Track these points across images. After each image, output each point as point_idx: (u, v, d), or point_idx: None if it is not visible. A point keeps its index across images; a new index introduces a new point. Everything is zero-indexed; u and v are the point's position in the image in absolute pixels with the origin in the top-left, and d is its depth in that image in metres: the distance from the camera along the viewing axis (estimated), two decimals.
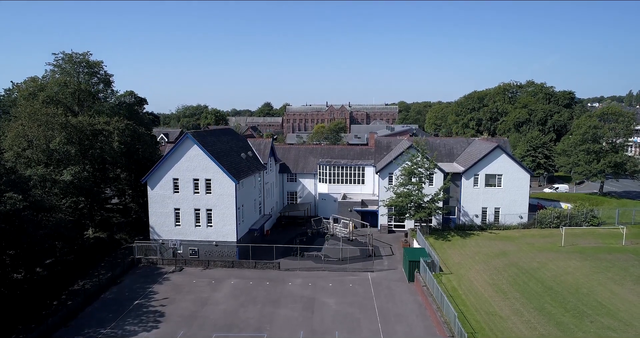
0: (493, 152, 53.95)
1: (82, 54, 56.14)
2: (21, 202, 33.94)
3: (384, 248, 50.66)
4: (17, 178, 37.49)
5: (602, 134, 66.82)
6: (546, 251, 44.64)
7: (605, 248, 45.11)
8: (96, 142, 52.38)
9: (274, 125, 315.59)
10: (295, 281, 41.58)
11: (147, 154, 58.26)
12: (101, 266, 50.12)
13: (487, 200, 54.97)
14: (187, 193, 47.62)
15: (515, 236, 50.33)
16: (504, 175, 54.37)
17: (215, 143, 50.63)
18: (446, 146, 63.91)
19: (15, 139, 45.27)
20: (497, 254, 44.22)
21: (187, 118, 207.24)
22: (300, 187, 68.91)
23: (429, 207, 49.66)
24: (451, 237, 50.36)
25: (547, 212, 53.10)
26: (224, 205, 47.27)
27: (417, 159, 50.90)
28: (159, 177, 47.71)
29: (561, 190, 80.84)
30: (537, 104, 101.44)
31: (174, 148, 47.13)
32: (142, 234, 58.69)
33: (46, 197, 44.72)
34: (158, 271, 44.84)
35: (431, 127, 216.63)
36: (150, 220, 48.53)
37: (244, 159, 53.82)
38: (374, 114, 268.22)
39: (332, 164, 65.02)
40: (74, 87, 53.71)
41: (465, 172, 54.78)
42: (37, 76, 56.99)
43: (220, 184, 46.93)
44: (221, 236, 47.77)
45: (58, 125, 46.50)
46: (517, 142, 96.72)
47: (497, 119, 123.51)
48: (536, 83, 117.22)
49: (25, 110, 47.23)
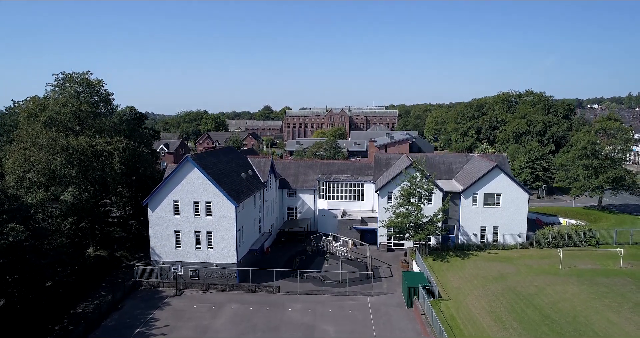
0: (492, 172, 54.23)
1: (82, 74, 56.46)
2: (23, 233, 34.22)
3: (383, 269, 50.93)
4: (19, 206, 37.74)
5: (600, 149, 67.12)
6: (544, 274, 44.96)
7: (602, 271, 45.42)
8: (97, 162, 52.70)
9: (274, 129, 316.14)
10: (295, 306, 41.86)
11: (147, 173, 58.57)
12: (102, 286, 50.45)
13: (486, 219, 55.25)
14: (187, 215, 47.90)
15: (514, 257, 50.64)
16: (502, 194, 54.67)
17: (215, 164, 50.92)
18: (445, 163, 64.22)
19: (16, 162, 45.57)
20: (495, 277, 44.52)
21: (187, 124, 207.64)
22: (300, 203, 69.19)
23: (427, 228, 49.95)
24: (450, 258, 50.66)
25: (545, 232, 53.40)
26: (224, 228, 47.57)
27: (416, 179, 51.20)
28: (159, 200, 47.98)
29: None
30: (536, 115, 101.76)
31: (174, 171, 47.36)
32: (142, 251, 59.06)
33: (47, 221, 45.11)
34: (159, 295, 45.11)
35: (431, 132, 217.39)
36: (151, 241, 48.81)
37: (244, 179, 54.12)
38: (373, 118, 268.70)
39: (332, 180, 65.30)
40: (74, 107, 53.99)
41: (464, 191, 55.08)
42: (37, 96, 57.36)
43: (220, 207, 47.21)
44: (221, 258, 48.07)
45: (59, 148, 46.78)
46: (516, 153, 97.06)
47: (497, 127, 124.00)
48: (535, 92, 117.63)
49: (26, 133, 47.51)
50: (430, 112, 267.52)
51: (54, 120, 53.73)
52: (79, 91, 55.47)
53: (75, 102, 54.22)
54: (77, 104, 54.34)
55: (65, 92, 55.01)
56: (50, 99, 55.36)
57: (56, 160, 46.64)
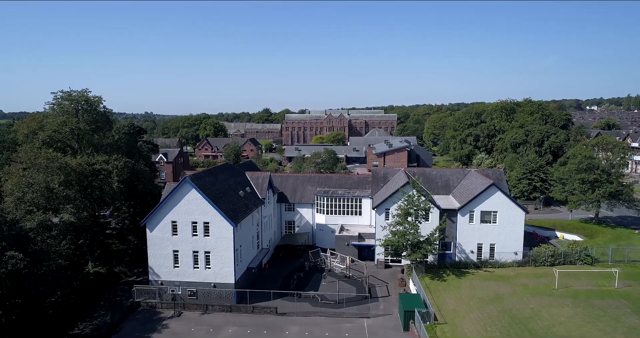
0: (488, 190, 54.59)
1: (81, 92, 56.80)
2: (22, 261, 34.52)
3: (380, 288, 51.25)
4: (18, 232, 38.03)
5: (597, 164, 67.48)
6: (540, 295, 45.28)
7: (598, 291, 45.73)
8: (96, 180, 52.98)
9: (273, 132, 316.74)
10: (292, 329, 42.16)
11: (146, 189, 58.88)
12: (101, 305, 50.74)
13: (483, 236, 55.60)
14: (185, 235, 48.24)
15: (510, 275, 50.95)
16: (499, 211, 55.01)
17: (213, 183, 51.23)
18: (442, 178, 64.58)
19: (16, 184, 45.88)
20: (491, 299, 44.84)
21: (186, 129, 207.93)
22: (298, 217, 69.51)
23: (424, 248, 50.24)
24: (446, 277, 50.97)
25: (541, 250, 53.74)
26: (222, 248, 47.90)
27: (413, 198, 51.52)
28: (157, 220, 48.29)
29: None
30: (534, 124, 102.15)
31: (172, 191, 47.66)
32: (140, 265, 59.30)
33: (46, 241, 45.44)
34: (157, 316, 45.41)
35: (429, 136, 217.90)
36: (149, 261, 49.12)
37: (242, 197, 54.41)
38: (372, 122, 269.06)
39: (330, 194, 65.64)
40: (72, 126, 54.32)
41: (461, 208, 55.42)
42: (37, 112, 57.64)
43: (218, 227, 47.54)
44: (219, 278, 48.39)
45: (58, 169, 47.08)
46: (513, 163, 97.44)
47: (495, 135, 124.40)
48: (534, 101, 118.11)
49: (25, 154, 47.80)
50: (429, 115, 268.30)
51: (52, 139, 54.04)
52: (77, 109, 55.74)
53: (74, 121, 54.51)
54: (76, 122, 54.64)
55: (64, 110, 55.30)
56: (50, 117, 55.64)
57: (54, 181, 46.92)
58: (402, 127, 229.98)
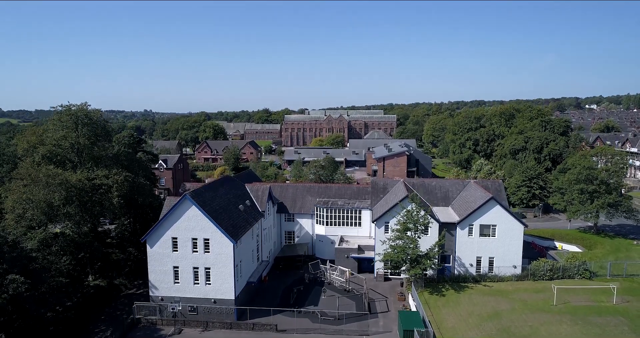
0: (487, 204, 54.77)
1: (80, 105, 56.91)
2: (23, 285, 34.69)
3: (379, 303, 51.47)
4: (19, 253, 38.19)
5: (596, 175, 67.67)
6: (538, 311, 45.55)
7: (596, 308, 46.01)
8: (95, 195, 53.09)
9: (272, 133, 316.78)
10: None
11: (146, 202, 59.04)
12: (102, 319, 50.97)
13: (482, 249, 55.82)
14: (186, 252, 48.41)
15: (509, 290, 51.21)
16: (498, 225, 55.22)
17: (213, 199, 51.39)
18: (442, 189, 64.76)
19: (16, 201, 46.01)
20: (490, 316, 45.10)
21: (185, 131, 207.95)
22: (297, 227, 69.67)
23: (424, 263, 50.45)
24: (446, 291, 51.23)
25: (540, 264, 53.98)
26: (222, 264, 48.09)
27: (412, 213, 51.70)
28: (158, 236, 48.44)
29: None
30: (534, 131, 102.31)
31: (173, 208, 47.79)
32: (141, 277, 59.44)
33: (47, 258, 45.66)
34: (158, 333, 45.63)
35: (429, 138, 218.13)
36: (150, 276, 49.30)
37: (242, 211, 54.58)
38: (372, 123, 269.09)
39: (329, 206, 65.80)
40: (72, 140, 54.45)
41: (460, 222, 55.63)
42: (36, 126, 57.73)
43: (218, 244, 47.71)
44: (220, 294, 48.60)
45: (58, 186, 47.22)
46: (513, 169, 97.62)
47: (494, 140, 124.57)
48: (533, 106, 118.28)
49: (25, 171, 47.91)
50: (428, 116, 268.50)
51: (52, 153, 54.16)
52: (77, 123, 55.80)
53: (73, 135, 54.62)
54: (76, 137, 54.75)
55: (63, 124, 55.36)
56: (50, 131, 55.73)
57: (55, 198, 47.08)
58: (401, 129, 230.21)
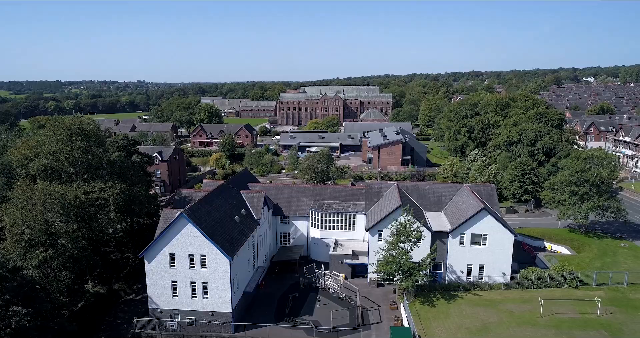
0: (479, 213, 55.77)
1: (73, 117, 56.67)
2: (25, 317, 35.67)
3: (372, 312, 53.11)
4: (21, 282, 39.04)
5: (587, 177, 68.57)
6: (524, 325, 47.40)
7: (580, 321, 47.86)
8: (92, 207, 53.55)
9: (268, 110, 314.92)
10: None
11: (143, 212, 59.70)
12: (102, 330, 52.51)
13: (473, 257, 57.22)
14: (183, 267, 49.47)
15: (497, 300, 52.93)
16: (489, 234, 56.41)
17: (209, 213, 52.05)
18: (435, 193, 65.67)
19: (14, 224, 46.49)
20: (478, 329, 46.89)
21: (180, 112, 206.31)
22: (293, 229, 70.73)
23: (415, 274, 51.82)
24: (437, 301, 52.89)
25: (528, 272, 55.56)
26: (218, 279, 49.26)
27: (405, 226, 52.67)
28: (155, 252, 49.36)
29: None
30: (528, 123, 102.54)
31: (169, 226, 48.41)
32: (139, 281, 60.63)
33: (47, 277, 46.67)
34: None
35: (424, 119, 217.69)
36: (149, 290, 50.55)
37: (238, 222, 55.39)
38: (367, 102, 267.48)
39: (324, 210, 66.74)
40: (67, 154, 54.53)
41: (452, 231, 56.77)
42: (30, 137, 57.58)
43: (214, 260, 48.72)
44: (217, 307, 50.02)
45: (55, 205, 47.68)
46: (506, 162, 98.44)
47: (489, 128, 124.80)
48: (529, 95, 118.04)
49: (22, 192, 48.15)
50: (424, 95, 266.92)
51: (47, 166, 54.32)
52: (70, 136, 55.66)
53: (68, 149, 54.63)
54: (70, 150, 54.77)
55: (57, 137, 55.22)
56: (44, 143, 55.62)
57: (53, 217, 47.65)
58: (397, 111, 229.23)
